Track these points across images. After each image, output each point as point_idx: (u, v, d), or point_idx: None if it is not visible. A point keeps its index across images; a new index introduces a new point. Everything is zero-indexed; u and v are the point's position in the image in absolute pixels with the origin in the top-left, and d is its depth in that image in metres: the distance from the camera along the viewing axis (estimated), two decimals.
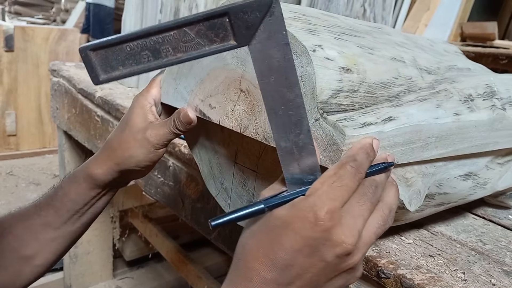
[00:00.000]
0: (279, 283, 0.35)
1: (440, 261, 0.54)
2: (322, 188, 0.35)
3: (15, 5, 4.29)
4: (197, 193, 0.89)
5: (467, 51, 2.06)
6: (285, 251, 0.35)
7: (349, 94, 0.43)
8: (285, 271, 0.35)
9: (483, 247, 0.60)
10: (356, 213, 0.36)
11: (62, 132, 1.63)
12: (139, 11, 1.58)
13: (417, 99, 0.49)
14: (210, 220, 0.35)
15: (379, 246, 0.57)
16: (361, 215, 0.36)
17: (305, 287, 0.35)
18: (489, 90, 0.62)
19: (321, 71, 0.40)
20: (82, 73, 1.50)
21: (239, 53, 0.48)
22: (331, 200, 0.34)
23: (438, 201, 0.59)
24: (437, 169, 0.54)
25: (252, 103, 0.47)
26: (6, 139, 3.06)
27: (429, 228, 0.65)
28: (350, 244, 0.34)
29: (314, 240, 0.34)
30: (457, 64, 0.66)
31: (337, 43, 0.45)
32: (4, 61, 2.90)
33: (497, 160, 0.67)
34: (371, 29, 0.58)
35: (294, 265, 0.35)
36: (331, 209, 0.34)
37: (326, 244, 0.34)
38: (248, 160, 0.55)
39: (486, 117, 0.57)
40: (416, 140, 0.46)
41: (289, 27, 0.43)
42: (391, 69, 0.49)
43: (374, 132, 0.40)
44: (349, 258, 0.35)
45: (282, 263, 0.35)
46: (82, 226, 0.61)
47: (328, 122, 0.39)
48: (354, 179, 0.36)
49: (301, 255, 0.34)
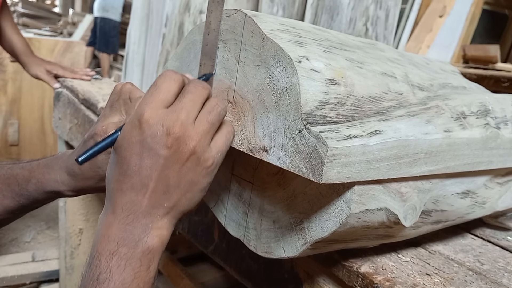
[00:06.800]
0: (135, 189, 0.39)
1: (437, 280, 0.54)
2: (141, 99, 0.40)
3: (23, 17, 4.36)
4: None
5: (469, 73, 2.06)
6: (127, 162, 0.39)
7: (335, 107, 0.42)
8: (134, 177, 0.39)
9: (480, 267, 0.60)
10: (177, 107, 0.40)
11: (64, 142, 1.64)
12: (144, 24, 1.60)
13: (407, 114, 0.49)
14: (77, 157, 0.40)
15: (375, 263, 0.56)
16: (183, 108, 0.40)
17: (159, 187, 0.39)
18: (483, 108, 0.61)
19: (306, 82, 0.40)
20: (85, 84, 1.52)
21: (227, 64, 0.48)
22: (149, 103, 0.39)
23: (435, 219, 0.58)
24: (433, 185, 0.53)
25: (238, 114, 0.47)
26: (8, 148, 3.07)
27: (427, 247, 0.64)
28: (174, 133, 0.38)
29: (144, 141, 0.38)
30: (452, 82, 0.66)
31: (325, 55, 0.45)
32: (9, 71, 2.93)
33: (497, 180, 0.66)
34: (363, 44, 0.57)
35: (140, 170, 0.39)
36: (151, 110, 0.39)
37: (155, 140, 0.38)
38: (244, 172, 0.54)
39: (479, 135, 0.56)
40: (404, 155, 0.45)
41: (276, 39, 0.43)
42: (381, 84, 0.49)
43: (358, 145, 0.40)
44: (182, 145, 0.39)
45: (129, 173, 0.39)
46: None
47: (311, 133, 0.39)
48: (171, 83, 0.41)
49: (140, 158, 0.39)
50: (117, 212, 0.39)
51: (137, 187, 0.39)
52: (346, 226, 0.44)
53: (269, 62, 0.43)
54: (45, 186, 0.58)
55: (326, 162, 0.38)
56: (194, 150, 0.39)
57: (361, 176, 0.41)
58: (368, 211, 0.45)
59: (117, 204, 0.40)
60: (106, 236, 0.39)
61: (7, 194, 0.58)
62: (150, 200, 0.39)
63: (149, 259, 0.39)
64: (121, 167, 0.40)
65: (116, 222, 0.39)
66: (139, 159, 0.39)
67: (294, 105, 0.40)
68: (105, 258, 0.38)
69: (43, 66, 1.53)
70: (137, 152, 0.39)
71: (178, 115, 0.39)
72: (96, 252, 0.39)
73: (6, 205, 0.58)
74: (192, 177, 0.40)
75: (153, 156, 0.39)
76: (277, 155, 0.42)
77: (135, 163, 0.39)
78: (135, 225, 0.39)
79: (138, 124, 0.39)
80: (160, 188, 0.39)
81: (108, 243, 0.39)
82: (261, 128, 0.44)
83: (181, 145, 0.39)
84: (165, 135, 0.38)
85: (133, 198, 0.39)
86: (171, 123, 0.39)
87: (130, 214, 0.39)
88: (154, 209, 0.40)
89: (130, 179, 0.39)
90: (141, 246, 0.39)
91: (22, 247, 2.22)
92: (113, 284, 0.37)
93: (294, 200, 0.48)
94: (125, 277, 0.38)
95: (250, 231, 0.54)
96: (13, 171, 0.59)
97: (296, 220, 0.48)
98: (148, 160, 0.39)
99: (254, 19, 0.45)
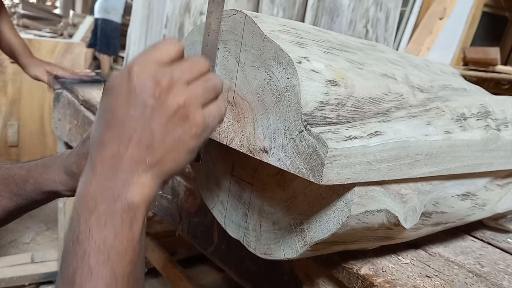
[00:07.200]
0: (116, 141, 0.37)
1: (437, 282, 0.54)
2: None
3: (23, 18, 4.36)
4: (195, 207, 0.88)
5: (469, 76, 2.06)
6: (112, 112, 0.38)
7: (336, 108, 0.42)
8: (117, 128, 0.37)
9: (481, 269, 0.60)
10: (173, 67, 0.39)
11: (63, 143, 1.63)
12: (144, 25, 1.60)
13: (407, 116, 0.49)
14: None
15: (375, 265, 0.56)
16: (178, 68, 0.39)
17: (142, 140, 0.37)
18: (483, 110, 0.61)
19: (306, 83, 0.40)
20: (85, 85, 1.52)
21: (228, 64, 0.48)
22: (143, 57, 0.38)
23: (435, 220, 0.58)
24: (433, 187, 0.53)
25: (238, 115, 0.47)
26: (7, 149, 3.07)
27: (427, 249, 0.64)
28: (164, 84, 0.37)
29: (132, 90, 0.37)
30: (452, 84, 0.66)
31: (325, 56, 0.45)
32: (9, 72, 2.93)
33: (497, 182, 0.66)
34: (363, 46, 0.57)
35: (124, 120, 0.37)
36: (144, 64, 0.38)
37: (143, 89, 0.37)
38: (244, 173, 0.54)
39: (479, 137, 0.56)
40: (404, 156, 0.45)
41: (276, 39, 0.42)
42: (381, 85, 0.49)
43: (359, 146, 0.40)
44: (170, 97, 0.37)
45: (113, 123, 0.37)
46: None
47: (311, 134, 0.39)
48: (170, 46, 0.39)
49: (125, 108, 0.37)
50: (97, 169, 0.37)
51: (119, 139, 0.37)
52: (346, 227, 0.44)
53: (269, 63, 0.43)
54: (42, 186, 0.58)
55: (326, 163, 0.38)
56: (183, 104, 0.38)
57: (361, 177, 0.41)
58: (368, 212, 0.45)
59: (97, 159, 0.38)
60: (85, 195, 0.37)
61: (5, 195, 0.58)
62: (132, 154, 0.37)
63: (131, 216, 0.37)
64: (105, 118, 0.38)
65: (95, 179, 0.37)
66: (124, 110, 0.37)
67: (294, 106, 0.40)
68: (83, 217, 0.36)
69: (43, 67, 1.53)
70: (123, 102, 0.37)
71: (172, 72, 0.38)
72: (76, 213, 0.37)
73: (4, 205, 0.58)
74: (179, 135, 0.38)
75: (139, 106, 0.37)
76: (277, 156, 0.42)
77: (120, 113, 0.37)
78: (115, 180, 0.37)
79: (127, 75, 0.37)
80: (143, 141, 0.37)
81: (86, 202, 0.37)
82: (261, 129, 0.44)
83: (169, 97, 0.37)
84: (154, 85, 0.37)
85: (114, 151, 0.37)
86: (162, 76, 0.37)
87: (109, 169, 0.37)
88: (135, 163, 0.37)
89: (113, 131, 0.37)
90: (120, 202, 0.37)
91: (21, 248, 2.21)
92: (93, 243, 0.35)
93: (294, 201, 0.48)
94: (106, 234, 0.36)
95: (249, 232, 0.54)
96: (11, 171, 0.59)
97: (296, 221, 0.48)
98: (133, 111, 0.37)
99: (254, 20, 0.45)
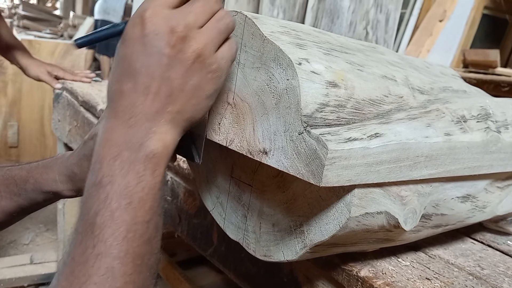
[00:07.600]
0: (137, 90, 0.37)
1: (437, 285, 0.54)
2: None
3: (23, 19, 4.36)
4: (194, 208, 0.88)
5: (469, 78, 2.06)
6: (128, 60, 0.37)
7: (336, 109, 0.42)
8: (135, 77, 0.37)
9: (481, 272, 0.59)
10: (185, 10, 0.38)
11: (63, 144, 1.63)
12: None
13: (407, 118, 0.49)
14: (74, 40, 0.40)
15: (375, 267, 0.56)
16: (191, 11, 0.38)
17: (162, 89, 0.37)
18: (483, 112, 0.61)
19: (306, 84, 0.40)
20: (85, 86, 1.52)
21: None
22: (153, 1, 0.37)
23: (435, 222, 0.58)
24: (433, 189, 0.53)
25: (238, 116, 0.46)
26: (7, 150, 3.07)
27: (427, 251, 0.64)
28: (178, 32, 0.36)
29: (146, 37, 0.37)
30: (452, 86, 0.66)
31: (325, 58, 0.44)
32: (9, 72, 2.93)
33: (497, 184, 0.66)
34: (364, 47, 0.57)
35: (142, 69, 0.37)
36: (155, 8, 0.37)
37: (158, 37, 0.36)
38: (243, 174, 0.54)
39: (480, 139, 0.56)
40: (404, 158, 0.45)
41: (276, 41, 0.42)
42: (381, 87, 0.49)
43: (359, 148, 0.40)
44: (186, 46, 0.37)
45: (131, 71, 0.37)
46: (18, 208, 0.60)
47: (311, 135, 0.39)
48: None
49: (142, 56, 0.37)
50: (118, 115, 0.38)
51: (139, 88, 0.37)
52: (346, 229, 0.44)
53: (269, 64, 0.43)
54: (43, 186, 0.58)
55: (326, 164, 0.37)
56: (199, 53, 0.37)
57: (361, 179, 0.41)
58: (368, 214, 0.44)
59: (118, 107, 0.38)
60: (109, 140, 0.37)
61: (5, 195, 0.58)
62: (153, 103, 0.37)
63: (153, 163, 0.37)
64: (123, 67, 0.38)
65: (118, 126, 0.37)
66: (141, 58, 0.37)
67: (294, 107, 0.40)
68: (107, 162, 0.37)
69: (43, 67, 1.53)
70: (138, 50, 0.37)
71: (185, 17, 0.37)
72: (98, 157, 0.37)
73: (4, 206, 0.58)
74: (197, 82, 0.38)
75: (156, 54, 0.37)
76: (277, 157, 0.42)
77: (137, 61, 0.37)
78: (138, 129, 0.37)
79: (140, 21, 0.37)
80: (163, 90, 0.37)
81: (111, 147, 0.37)
82: (260, 131, 0.44)
83: (185, 46, 0.37)
84: (169, 33, 0.36)
85: (134, 100, 0.37)
86: (176, 22, 0.37)
87: (132, 117, 0.37)
88: (157, 112, 0.38)
89: (132, 79, 0.37)
90: (143, 150, 0.37)
91: (20, 249, 2.21)
92: (117, 186, 0.36)
93: (293, 203, 0.48)
94: (129, 180, 0.36)
95: (249, 234, 0.54)
96: (12, 172, 0.59)
97: (296, 223, 0.48)
98: (150, 59, 0.37)
99: (255, 21, 0.45)
